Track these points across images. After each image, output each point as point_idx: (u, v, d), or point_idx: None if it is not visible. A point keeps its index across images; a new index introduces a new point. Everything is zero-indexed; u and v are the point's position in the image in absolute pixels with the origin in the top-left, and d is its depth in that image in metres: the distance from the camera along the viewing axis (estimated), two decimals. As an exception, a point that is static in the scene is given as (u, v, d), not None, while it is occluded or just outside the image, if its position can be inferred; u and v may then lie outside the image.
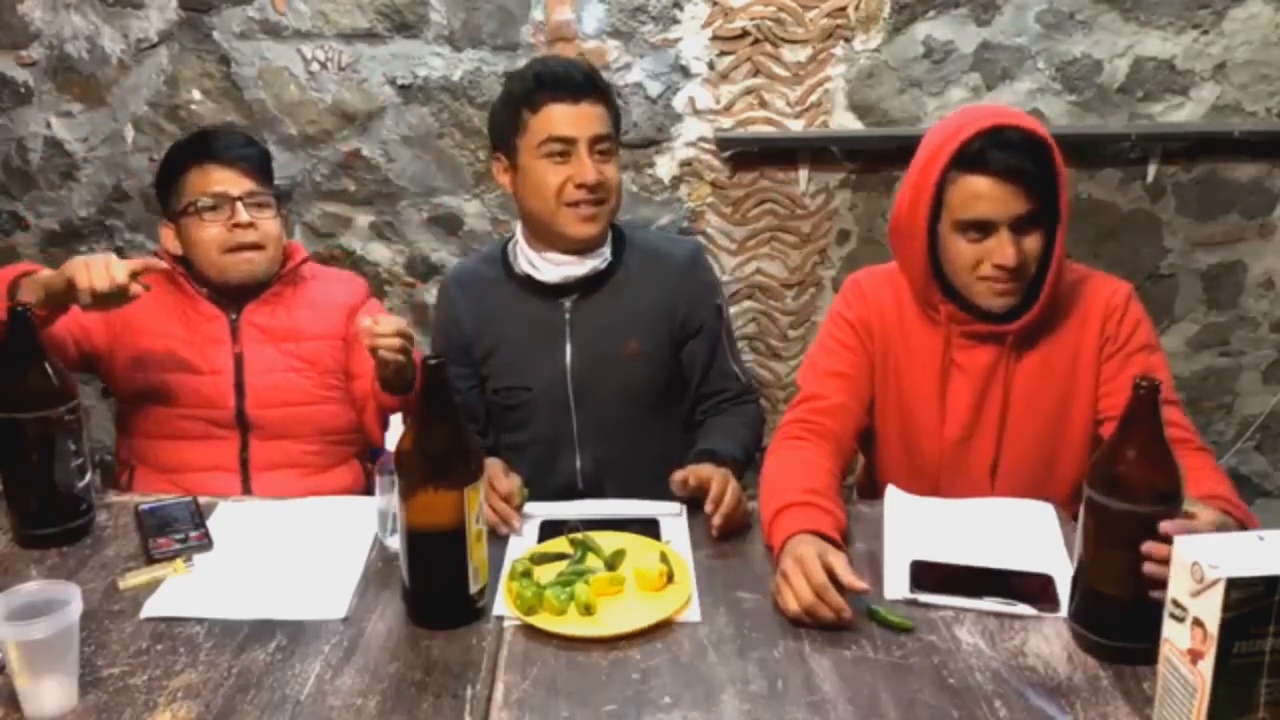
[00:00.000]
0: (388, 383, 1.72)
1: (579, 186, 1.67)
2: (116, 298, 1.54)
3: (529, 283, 1.78)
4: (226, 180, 1.82)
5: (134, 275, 1.55)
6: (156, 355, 1.84)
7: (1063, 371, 1.57)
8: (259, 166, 1.87)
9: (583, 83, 1.68)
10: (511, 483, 1.54)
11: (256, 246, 1.83)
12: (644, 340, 1.78)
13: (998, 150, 1.44)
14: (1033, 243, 1.48)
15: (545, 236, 1.74)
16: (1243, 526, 1.30)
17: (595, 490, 1.76)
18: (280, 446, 1.86)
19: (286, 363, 1.87)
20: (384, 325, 1.60)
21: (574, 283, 1.76)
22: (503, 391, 1.82)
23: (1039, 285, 1.51)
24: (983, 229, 1.47)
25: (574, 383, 1.77)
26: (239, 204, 1.81)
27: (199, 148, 1.85)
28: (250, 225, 1.81)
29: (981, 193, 1.46)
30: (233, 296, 1.87)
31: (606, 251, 1.77)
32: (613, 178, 1.71)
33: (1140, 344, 1.54)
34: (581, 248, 1.73)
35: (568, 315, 1.77)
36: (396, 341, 1.60)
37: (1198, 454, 1.46)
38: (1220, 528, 1.22)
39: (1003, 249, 1.46)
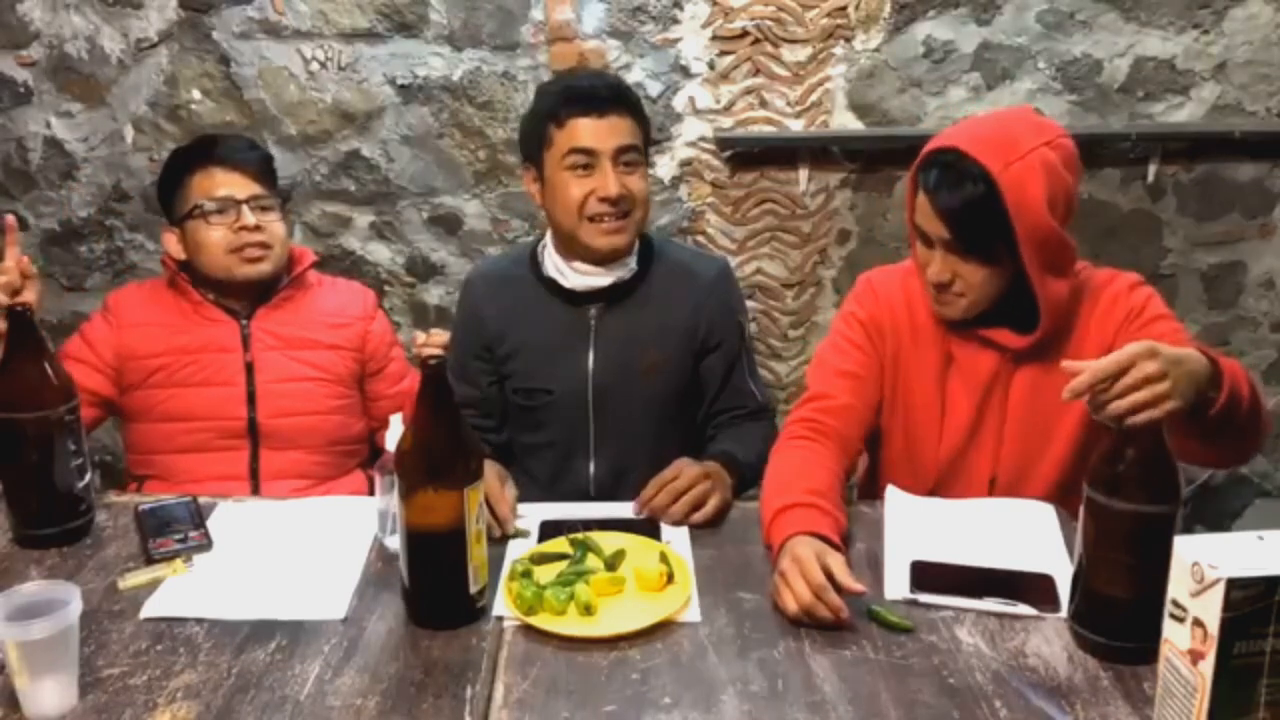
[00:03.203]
0: None
1: (602, 199, 1.67)
2: None
3: (556, 288, 1.78)
4: (232, 183, 1.82)
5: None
6: (166, 374, 1.83)
7: (1068, 378, 1.55)
8: (263, 170, 1.87)
9: (608, 96, 1.69)
10: (509, 498, 1.53)
11: (263, 247, 1.83)
12: (666, 353, 1.78)
13: (929, 172, 1.46)
14: (971, 271, 1.47)
15: (571, 247, 1.75)
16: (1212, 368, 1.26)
17: (607, 496, 1.76)
18: (289, 456, 1.86)
19: (298, 371, 1.87)
20: (437, 337, 1.66)
21: (599, 291, 1.77)
22: (522, 392, 1.82)
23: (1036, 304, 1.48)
24: (929, 243, 1.50)
25: (594, 389, 1.78)
26: (244, 207, 1.81)
27: (203, 152, 1.85)
28: (256, 228, 1.81)
29: (925, 211, 1.47)
30: (241, 301, 1.87)
31: (632, 262, 1.77)
32: (638, 189, 1.71)
33: (1155, 315, 1.52)
34: (606, 259, 1.74)
35: (593, 323, 1.78)
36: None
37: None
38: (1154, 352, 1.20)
39: (936, 268, 1.48)
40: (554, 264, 1.78)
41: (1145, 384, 1.16)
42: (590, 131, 1.67)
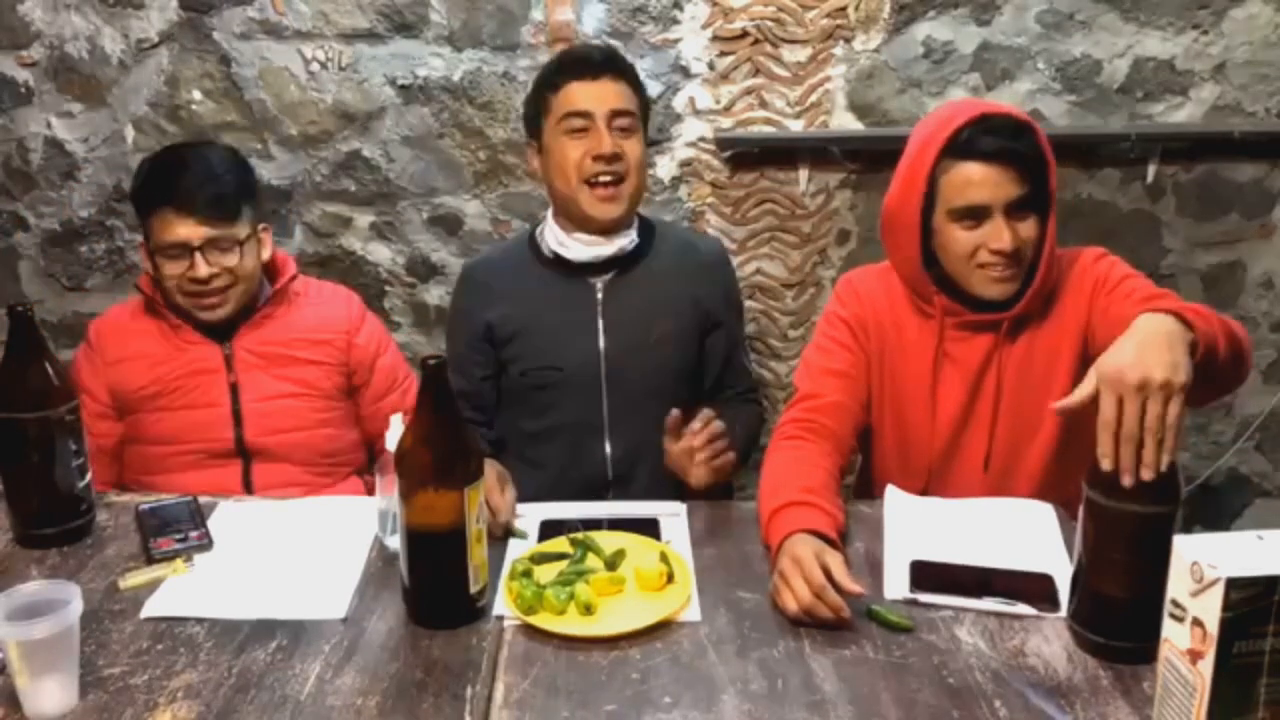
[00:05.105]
0: None
1: (597, 158, 1.70)
2: None
3: (559, 263, 1.79)
4: (186, 230, 1.73)
5: None
6: (151, 397, 1.82)
7: (1051, 355, 1.57)
8: (223, 207, 1.75)
9: (601, 61, 1.74)
10: (509, 499, 1.52)
11: (219, 293, 1.77)
12: (675, 324, 1.80)
13: (987, 136, 1.47)
14: (1027, 228, 1.50)
15: (571, 217, 1.77)
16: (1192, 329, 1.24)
17: (626, 480, 1.76)
18: (282, 469, 1.85)
19: (282, 388, 1.84)
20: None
21: (604, 262, 1.78)
22: (531, 373, 1.81)
23: (1031, 272, 1.53)
24: (977, 215, 1.49)
25: (606, 365, 1.78)
26: (198, 255, 1.73)
27: (160, 190, 1.75)
28: (211, 277, 1.75)
29: (974, 179, 1.48)
30: (220, 323, 1.82)
31: (634, 234, 1.80)
32: (633, 152, 1.74)
33: (1121, 276, 1.55)
34: (604, 229, 1.75)
35: (600, 296, 1.79)
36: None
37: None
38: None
39: (998, 233, 1.48)
40: (555, 238, 1.79)
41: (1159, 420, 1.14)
42: (584, 94, 1.71)
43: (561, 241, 1.78)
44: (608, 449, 1.80)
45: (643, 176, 1.78)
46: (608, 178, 1.71)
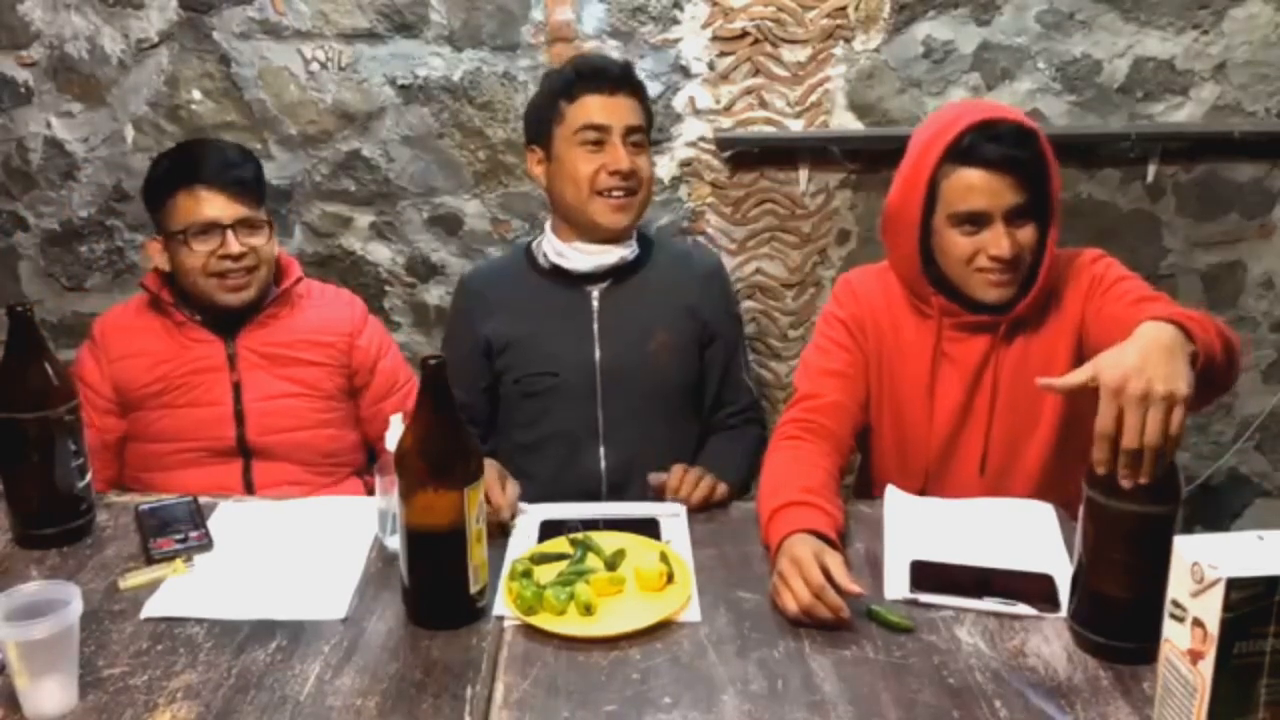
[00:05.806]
0: None
1: (612, 173, 1.72)
2: None
3: (556, 273, 1.80)
4: (218, 206, 1.76)
5: None
6: (154, 394, 1.83)
7: (1048, 355, 1.58)
8: (251, 187, 1.81)
9: (618, 76, 1.76)
10: (509, 495, 1.52)
11: (248, 271, 1.79)
12: (672, 334, 1.80)
13: (990, 143, 1.47)
14: (1026, 234, 1.50)
15: (576, 226, 1.77)
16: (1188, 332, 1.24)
17: (618, 492, 1.75)
18: (282, 469, 1.85)
19: (284, 388, 1.85)
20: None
21: (603, 272, 1.78)
22: (525, 379, 1.81)
23: (1031, 275, 1.53)
24: (977, 221, 1.49)
25: (602, 373, 1.78)
26: (229, 233, 1.76)
27: (188, 169, 1.79)
28: (241, 255, 1.77)
29: (975, 185, 1.48)
30: (225, 320, 1.84)
31: (634, 244, 1.80)
32: (644, 169, 1.77)
33: (1116, 277, 1.56)
34: (611, 237, 1.76)
35: (596, 304, 1.79)
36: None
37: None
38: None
39: (998, 240, 1.48)
40: (554, 249, 1.80)
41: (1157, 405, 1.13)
42: (602, 108, 1.72)
43: (560, 252, 1.78)
44: (603, 459, 1.80)
45: (650, 189, 1.82)
46: (620, 192, 1.73)
